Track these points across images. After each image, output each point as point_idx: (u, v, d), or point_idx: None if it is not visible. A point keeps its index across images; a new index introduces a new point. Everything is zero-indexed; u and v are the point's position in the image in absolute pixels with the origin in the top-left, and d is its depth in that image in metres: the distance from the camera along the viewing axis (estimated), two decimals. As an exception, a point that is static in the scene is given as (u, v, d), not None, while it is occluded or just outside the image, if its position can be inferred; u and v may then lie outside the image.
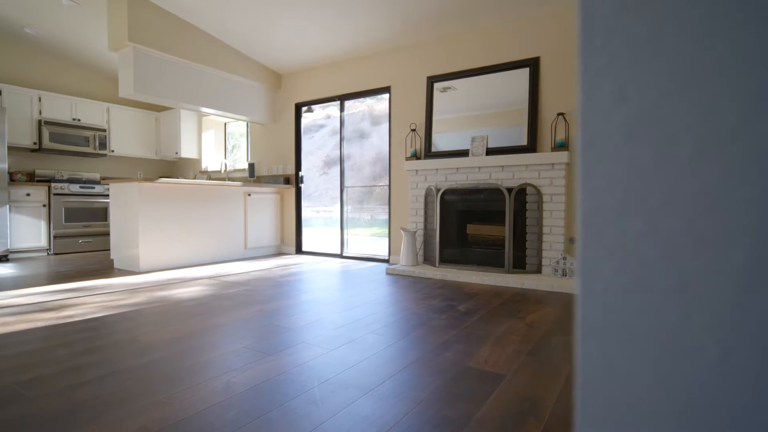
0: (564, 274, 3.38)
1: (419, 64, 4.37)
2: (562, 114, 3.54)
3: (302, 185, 5.44)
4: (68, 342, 2.01)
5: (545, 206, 3.52)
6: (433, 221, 4.05)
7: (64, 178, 5.83)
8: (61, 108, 5.61)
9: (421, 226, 4.19)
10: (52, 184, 5.27)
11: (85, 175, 6.06)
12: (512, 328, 2.23)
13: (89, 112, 5.88)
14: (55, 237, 5.31)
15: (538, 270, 3.56)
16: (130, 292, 3.14)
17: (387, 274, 3.94)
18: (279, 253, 5.54)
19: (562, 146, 3.47)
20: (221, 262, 4.69)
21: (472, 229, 3.94)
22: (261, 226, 5.27)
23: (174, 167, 7.13)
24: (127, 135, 6.32)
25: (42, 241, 5.24)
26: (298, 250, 5.49)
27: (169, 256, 4.23)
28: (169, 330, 2.20)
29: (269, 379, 1.58)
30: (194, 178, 6.67)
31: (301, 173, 5.41)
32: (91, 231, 5.66)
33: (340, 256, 5.20)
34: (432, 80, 4.24)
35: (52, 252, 5.31)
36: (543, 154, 3.49)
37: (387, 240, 4.82)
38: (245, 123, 6.53)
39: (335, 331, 2.18)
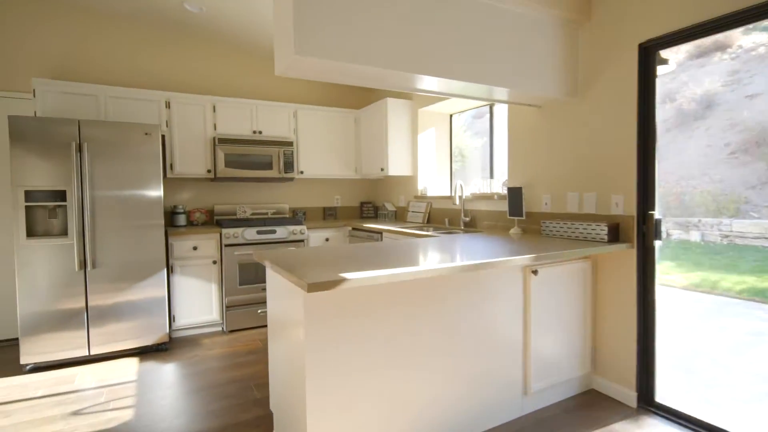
0: None
1: None
2: None
3: (659, 243, 2.27)
4: None
5: None
6: None
7: (248, 214, 4.23)
8: (239, 118, 3.95)
9: None
10: (223, 231, 3.60)
11: (274, 207, 4.38)
12: None
13: (273, 120, 4.11)
14: (227, 307, 3.66)
15: None
16: None
17: None
18: (588, 391, 2.53)
19: None
20: (480, 439, 2.00)
21: None
22: (555, 338, 2.38)
23: (378, 189, 4.98)
24: (319, 147, 4.38)
25: (213, 312, 3.64)
26: (645, 398, 2.35)
27: (368, 426, 1.76)
28: None
29: None
30: (407, 209, 4.30)
31: (654, 214, 2.26)
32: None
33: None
34: None
35: (225, 329, 3.68)
36: None
37: None
38: (488, 108, 3.76)
39: None
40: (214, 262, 3.61)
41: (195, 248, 3.52)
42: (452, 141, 4.31)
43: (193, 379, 2.78)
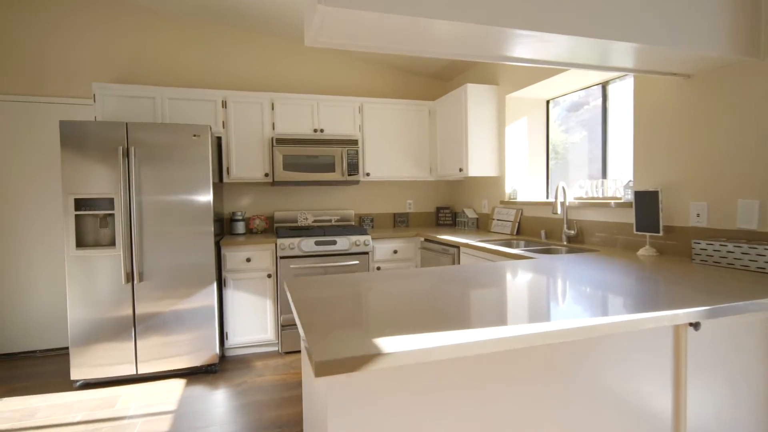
0: None
1: None
2: None
3: None
4: None
5: None
6: None
7: (310, 222, 3.85)
8: (299, 115, 3.57)
9: None
10: (278, 242, 3.23)
11: (338, 214, 3.95)
12: None
13: (336, 117, 3.67)
14: (283, 326, 3.28)
15: None
16: None
17: None
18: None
19: None
20: None
21: None
22: (728, 423, 1.54)
23: (457, 193, 4.30)
24: (387, 145, 3.84)
25: (268, 332, 3.28)
26: None
27: None
28: None
29: None
30: (492, 216, 3.57)
31: None
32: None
33: None
34: None
35: (281, 350, 3.30)
36: None
37: None
38: (596, 92, 2.93)
39: None
40: (269, 276, 3.24)
41: (248, 260, 3.19)
42: (549, 133, 3.48)
43: (234, 416, 2.39)
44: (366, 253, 3.42)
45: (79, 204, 2.69)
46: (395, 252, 3.55)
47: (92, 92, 3.13)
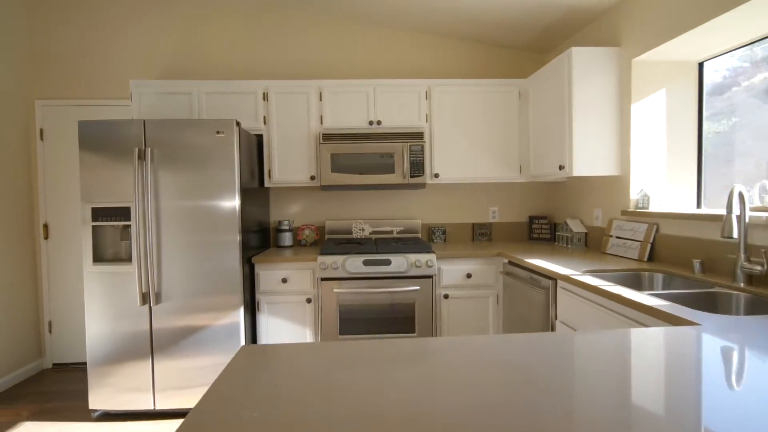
0: None
1: None
2: None
3: None
4: None
5: None
6: None
7: (367, 233, 3.21)
8: (352, 105, 2.95)
9: None
10: (319, 260, 2.63)
11: (402, 224, 3.24)
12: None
13: (396, 105, 2.97)
14: (324, 363, 2.67)
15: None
16: None
17: None
18: None
19: None
20: None
21: None
22: None
23: (558, 198, 3.27)
24: (462, 139, 3.01)
25: (307, 367, 2.70)
26: None
27: None
28: None
29: None
30: (608, 232, 2.52)
31: None
32: (385, 353, 2.70)
33: None
34: None
35: (321, 391, 2.70)
36: None
37: None
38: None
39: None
40: (309, 301, 2.67)
41: (284, 280, 2.65)
42: (703, 111, 2.34)
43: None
44: (429, 276, 2.65)
45: (97, 213, 2.39)
46: (468, 276, 2.72)
47: (129, 91, 2.88)
